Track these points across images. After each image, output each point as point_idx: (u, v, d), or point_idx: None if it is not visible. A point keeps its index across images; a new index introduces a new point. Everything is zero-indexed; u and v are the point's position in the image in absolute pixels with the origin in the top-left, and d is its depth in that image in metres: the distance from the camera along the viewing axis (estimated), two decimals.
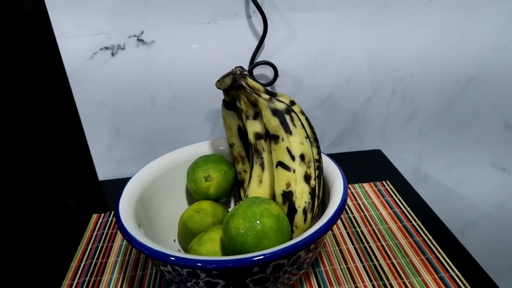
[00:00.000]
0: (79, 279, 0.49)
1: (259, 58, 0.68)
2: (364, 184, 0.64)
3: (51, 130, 0.68)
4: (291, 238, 0.39)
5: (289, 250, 0.34)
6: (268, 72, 0.69)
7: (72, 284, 0.48)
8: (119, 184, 0.66)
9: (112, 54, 0.65)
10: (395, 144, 0.80)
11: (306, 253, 0.38)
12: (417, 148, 0.81)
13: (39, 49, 0.63)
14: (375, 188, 0.63)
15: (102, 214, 0.61)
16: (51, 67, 0.64)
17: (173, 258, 0.34)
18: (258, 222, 0.37)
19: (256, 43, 0.66)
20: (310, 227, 0.41)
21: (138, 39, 0.64)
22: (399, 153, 0.81)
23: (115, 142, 0.72)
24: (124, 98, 0.68)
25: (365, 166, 0.71)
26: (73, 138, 0.70)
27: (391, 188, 0.62)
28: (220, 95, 0.69)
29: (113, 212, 0.61)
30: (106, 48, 0.64)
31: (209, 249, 0.40)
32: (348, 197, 0.60)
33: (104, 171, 0.74)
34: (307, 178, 0.41)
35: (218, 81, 0.46)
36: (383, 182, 0.64)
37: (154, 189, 0.49)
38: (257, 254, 0.33)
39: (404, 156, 0.82)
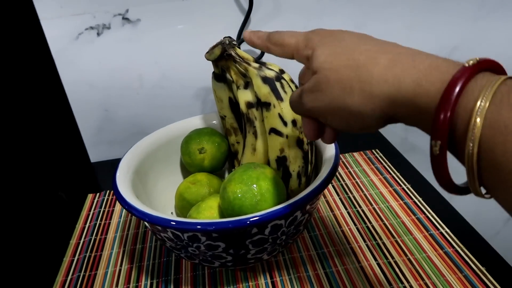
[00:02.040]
0: (79, 255, 0.49)
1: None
2: (354, 153, 0.65)
3: (40, 114, 0.68)
4: None
5: (286, 209, 0.35)
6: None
7: (73, 260, 0.48)
8: (112, 165, 0.66)
9: (98, 34, 0.64)
10: None
11: (303, 214, 0.39)
12: None
13: (23, 31, 0.62)
14: (365, 156, 0.64)
15: (97, 194, 0.61)
16: (37, 49, 0.63)
17: (174, 223, 0.35)
18: (254, 185, 0.38)
19: (242, 18, 0.66)
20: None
21: (123, 18, 0.64)
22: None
23: (106, 124, 0.72)
24: (112, 79, 0.68)
25: (354, 136, 0.72)
26: (63, 121, 0.70)
27: (380, 156, 0.64)
28: (208, 72, 0.70)
29: (108, 191, 0.61)
30: (91, 28, 0.64)
31: (208, 216, 0.41)
32: (339, 166, 0.61)
33: (95, 153, 0.74)
34: (300, 143, 0.42)
35: (207, 52, 0.46)
36: (373, 150, 0.65)
37: (149, 164, 0.49)
38: (256, 215, 0.34)
39: (392, 127, 0.83)
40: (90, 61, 0.66)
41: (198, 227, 0.35)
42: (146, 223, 0.41)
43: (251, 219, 0.34)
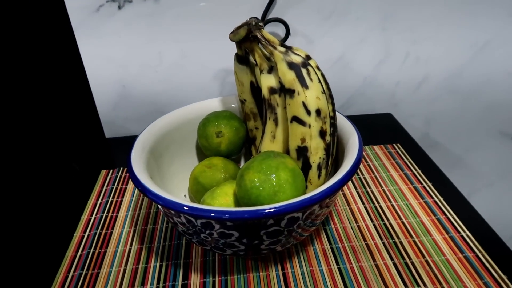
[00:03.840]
0: (90, 231, 0.49)
1: (270, 15, 0.65)
2: (375, 147, 0.63)
3: (58, 87, 0.67)
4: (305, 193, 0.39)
5: (305, 203, 0.34)
6: (280, 30, 0.67)
7: (83, 236, 0.48)
8: (127, 141, 0.65)
9: (119, 7, 0.63)
10: (405, 109, 0.79)
11: (321, 208, 0.38)
12: (427, 114, 0.80)
13: (43, 2, 0.61)
14: (385, 150, 0.62)
15: (111, 170, 0.60)
16: (57, 20, 0.62)
17: (187, 208, 0.34)
18: (273, 175, 0.36)
19: None
20: (323, 183, 0.41)
21: None
22: (408, 118, 0.80)
23: (122, 100, 0.71)
24: (132, 54, 0.67)
25: (375, 129, 0.70)
26: (80, 95, 0.69)
27: (401, 151, 0.61)
28: (229, 54, 0.68)
29: (121, 168, 0.61)
30: (113, 0, 0.62)
31: (222, 203, 0.40)
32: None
33: (110, 129, 0.73)
34: (322, 134, 0.40)
35: (231, 33, 0.45)
36: (394, 145, 0.63)
37: (164, 144, 0.48)
38: (273, 206, 0.33)
39: (413, 121, 0.81)
40: (110, 35, 0.65)
41: (212, 214, 0.34)
42: (159, 205, 0.40)
43: (268, 210, 0.33)
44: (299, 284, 0.40)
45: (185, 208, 0.34)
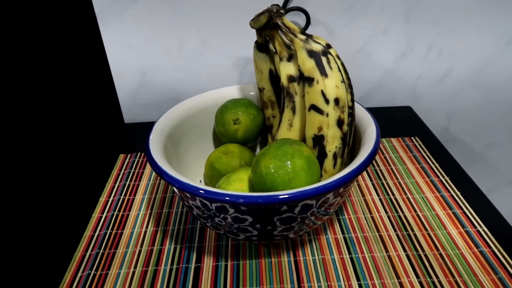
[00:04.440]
0: (107, 212, 0.50)
1: (291, 4, 0.65)
2: (392, 139, 0.62)
3: (80, 71, 0.68)
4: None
5: (319, 190, 0.34)
6: (300, 19, 0.66)
7: (101, 217, 0.49)
8: (145, 127, 0.67)
9: None
10: (426, 103, 0.78)
11: (335, 196, 0.38)
12: (448, 108, 0.79)
13: None
14: (403, 143, 0.61)
15: (129, 155, 0.61)
16: (81, 6, 0.63)
17: (202, 192, 0.35)
18: (289, 162, 0.36)
19: None
20: (338, 172, 0.41)
21: None
22: (428, 112, 0.79)
23: (142, 86, 0.72)
24: (152, 41, 0.67)
25: (394, 121, 0.69)
26: (101, 80, 0.70)
27: (419, 144, 0.61)
28: (249, 43, 0.68)
29: (139, 153, 0.62)
30: None
31: (237, 188, 0.40)
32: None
33: (130, 115, 0.75)
34: (340, 123, 0.40)
35: (252, 20, 0.45)
36: (412, 138, 0.63)
37: (183, 130, 0.49)
38: (288, 192, 0.33)
39: (434, 116, 0.79)
40: (131, 21, 0.65)
41: (227, 198, 0.34)
42: (175, 189, 0.41)
43: (282, 196, 0.33)
44: (310, 272, 0.41)
45: (200, 191, 0.35)
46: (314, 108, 0.40)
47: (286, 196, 0.33)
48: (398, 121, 0.70)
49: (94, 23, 0.65)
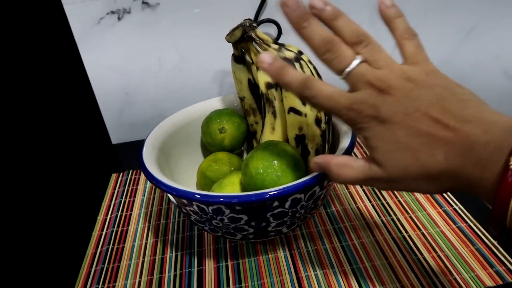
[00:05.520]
0: (107, 229, 0.52)
1: (262, 16, 0.69)
2: None
3: (64, 97, 0.70)
4: None
5: (306, 183, 0.37)
6: (272, 30, 0.70)
7: (101, 235, 0.51)
8: (133, 146, 0.69)
9: (119, 19, 0.66)
10: None
11: (321, 189, 0.41)
12: None
13: (47, 17, 0.64)
14: None
15: (121, 173, 0.63)
16: (60, 34, 0.66)
17: (198, 196, 0.37)
18: (275, 161, 0.39)
19: (258, 1, 0.67)
20: None
21: (143, 2, 0.65)
22: None
23: (126, 106, 0.74)
24: (133, 62, 0.70)
25: None
26: (86, 104, 0.72)
27: None
28: (226, 56, 0.71)
29: (131, 170, 0.64)
30: (112, 12, 0.65)
31: (230, 191, 0.43)
32: (355, 146, 0.63)
33: (117, 135, 0.77)
34: (318, 122, 0.44)
35: (228, 34, 0.48)
36: None
37: (172, 143, 0.51)
38: (277, 188, 0.36)
39: None
40: (111, 45, 0.68)
41: (221, 199, 0.37)
42: (172, 197, 0.43)
43: (272, 193, 0.36)
44: (305, 262, 0.44)
45: (196, 196, 0.37)
46: (293, 110, 0.44)
47: (276, 192, 0.36)
48: None
49: (75, 49, 0.67)
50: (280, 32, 0.69)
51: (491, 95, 0.87)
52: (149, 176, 0.41)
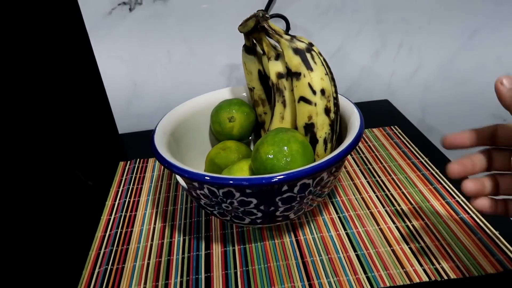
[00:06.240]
0: (115, 214, 0.53)
1: (271, 12, 0.70)
2: (374, 129, 0.67)
3: (74, 87, 0.71)
4: None
5: (315, 169, 0.38)
6: (280, 25, 0.71)
7: (110, 219, 0.52)
8: (140, 136, 0.70)
9: (130, 10, 0.67)
10: (401, 97, 0.83)
11: (328, 176, 0.42)
12: (422, 100, 0.84)
13: (59, 6, 0.65)
14: (384, 132, 0.66)
15: (128, 161, 0.64)
16: (73, 24, 0.67)
17: (209, 178, 0.38)
18: (285, 147, 0.41)
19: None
20: None
21: None
22: (404, 106, 0.84)
23: (134, 97, 0.75)
24: (142, 53, 0.71)
25: (374, 114, 0.75)
26: (95, 94, 0.73)
27: (399, 132, 0.66)
28: (233, 50, 0.72)
29: (138, 159, 0.65)
30: (124, 3, 0.67)
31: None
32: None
33: (124, 126, 0.77)
34: (327, 111, 0.45)
35: (240, 25, 0.49)
36: (392, 127, 0.68)
37: (181, 131, 0.52)
38: (287, 172, 0.37)
39: (410, 108, 0.85)
40: (122, 36, 0.69)
41: (232, 182, 0.38)
42: (182, 181, 0.44)
43: (282, 176, 0.37)
44: (311, 248, 0.45)
45: (207, 178, 0.38)
46: (303, 99, 0.45)
47: (285, 176, 0.37)
48: (377, 113, 0.75)
49: (86, 40, 0.68)
50: (288, 28, 0.70)
51: (494, 97, 0.88)
52: (161, 159, 0.42)
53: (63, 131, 0.73)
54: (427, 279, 0.40)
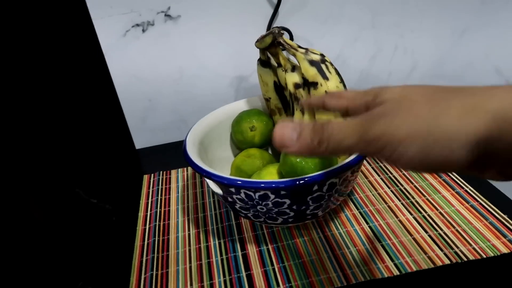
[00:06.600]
0: (149, 224, 0.56)
1: (274, 24, 0.74)
2: None
3: (91, 105, 0.74)
4: None
5: (342, 168, 0.42)
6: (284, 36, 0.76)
7: (145, 229, 0.55)
8: (157, 150, 0.73)
9: (143, 31, 0.71)
10: None
11: (352, 174, 0.46)
12: None
13: (77, 31, 0.69)
14: None
15: (152, 174, 0.68)
16: (89, 46, 0.70)
17: (241, 182, 0.42)
18: None
19: (271, 11, 0.73)
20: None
21: (165, 15, 0.70)
22: None
23: (149, 113, 0.79)
24: (155, 71, 0.75)
25: None
26: (111, 111, 0.77)
27: None
28: (241, 62, 0.77)
29: (160, 171, 0.68)
30: (137, 25, 0.70)
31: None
32: None
33: (140, 140, 0.81)
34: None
35: (257, 41, 0.53)
36: None
37: (207, 141, 0.56)
38: (319, 173, 0.41)
39: None
40: (136, 55, 0.73)
41: (273, 185, 0.42)
42: (217, 188, 0.48)
43: (315, 177, 0.41)
44: (339, 242, 0.49)
45: (241, 183, 0.42)
46: None
47: (318, 175, 0.41)
48: None
49: (102, 60, 0.72)
50: (291, 38, 0.75)
51: None
52: (199, 169, 0.46)
53: (85, 150, 0.76)
54: (448, 262, 0.44)
